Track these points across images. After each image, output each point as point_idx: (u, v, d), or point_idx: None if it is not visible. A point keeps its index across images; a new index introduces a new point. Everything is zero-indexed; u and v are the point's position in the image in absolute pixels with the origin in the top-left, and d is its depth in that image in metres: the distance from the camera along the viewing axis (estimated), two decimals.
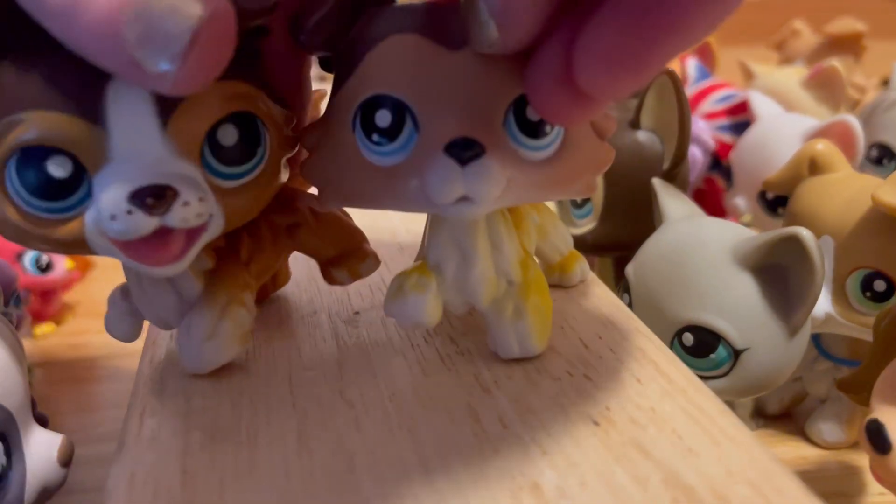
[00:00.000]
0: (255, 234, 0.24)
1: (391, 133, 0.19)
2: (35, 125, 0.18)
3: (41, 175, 0.18)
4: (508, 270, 0.22)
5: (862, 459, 0.35)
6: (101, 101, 0.18)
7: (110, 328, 0.24)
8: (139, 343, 0.25)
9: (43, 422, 0.27)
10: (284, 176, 0.22)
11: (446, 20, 0.19)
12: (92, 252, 0.19)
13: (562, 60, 0.17)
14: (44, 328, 0.47)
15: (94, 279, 0.54)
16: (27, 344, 0.45)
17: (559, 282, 0.28)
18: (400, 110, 0.19)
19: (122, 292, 0.23)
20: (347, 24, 0.20)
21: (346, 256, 0.26)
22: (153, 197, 0.18)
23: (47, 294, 0.46)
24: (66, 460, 0.25)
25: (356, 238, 0.26)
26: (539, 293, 0.23)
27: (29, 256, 0.43)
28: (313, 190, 0.26)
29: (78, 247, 0.19)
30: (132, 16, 0.16)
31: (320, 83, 0.27)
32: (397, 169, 0.19)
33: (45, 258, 0.44)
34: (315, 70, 0.24)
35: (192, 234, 0.19)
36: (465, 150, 0.18)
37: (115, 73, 0.17)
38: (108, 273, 0.29)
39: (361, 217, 0.35)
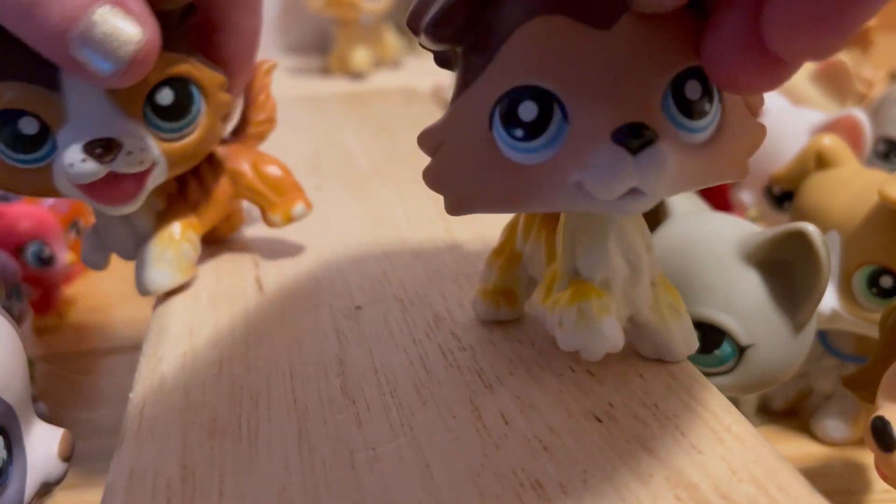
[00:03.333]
0: (202, 181, 0.29)
1: (537, 127, 0.17)
2: (5, 92, 0.23)
3: (15, 132, 0.23)
4: (654, 271, 0.21)
5: (867, 457, 0.34)
6: (58, 74, 0.23)
7: (85, 258, 0.30)
8: (141, 337, 0.25)
9: (44, 416, 0.27)
10: (222, 129, 0.27)
11: None
12: (61, 195, 0.24)
13: (748, 25, 0.15)
14: (46, 322, 0.47)
15: (95, 273, 0.54)
16: (29, 338, 0.45)
17: None
18: (547, 101, 0.16)
19: (94, 228, 0.29)
20: (478, 10, 0.17)
21: (280, 203, 0.30)
22: (102, 147, 0.23)
23: (49, 288, 0.46)
24: (67, 455, 0.25)
25: (290, 187, 0.31)
26: (670, 286, 0.22)
27: (31, 250, 0.43)
28: (264, 148, 0.32)
29: (49, 190, 0.24)
30: (83, 30, 0.20)
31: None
32: (547, 166, 0.17)
33: (46, 251, 0.44)
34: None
35: (140, 178, 0.24)
36: (635, 137, 0.15)
37: (59, 64, 0.22)
38: (111, 267, 0.29)
39: (362, 212, 0.35)
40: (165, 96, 0.24)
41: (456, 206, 0.19)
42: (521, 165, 0.17)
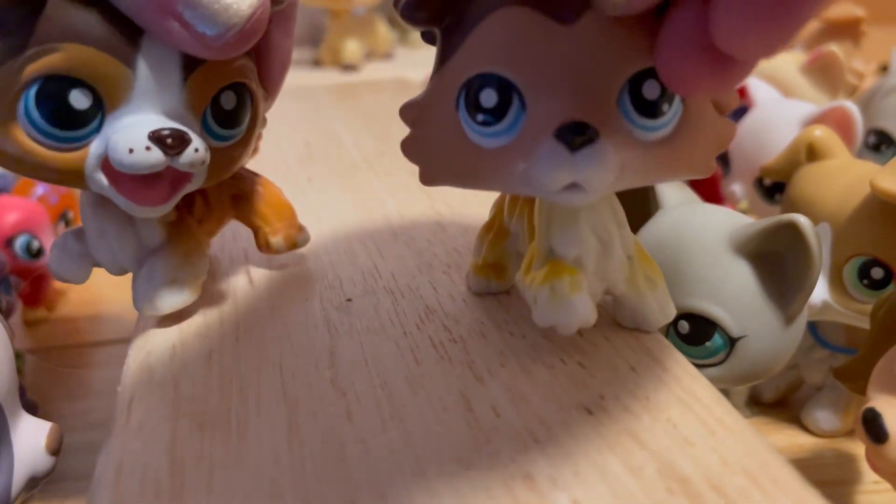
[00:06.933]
0: (206, 197, 0.27)
1: (497, 113, 0.17)
2: (70, 55, 0.19)
3: (61, 104, 0.20)
4: (629, 246, 0.22)
5: (857, 448, 0.34)
6: (135, 47, 0.20)
7: (58, 269, 0.25)
8: (131, 330, 0.25)
9: (33, 409, 0.27)
10: (253, 146, 0.25)
11: None
12: (82, 186, 0.21)
13: (698, 24, 0.15)
14: (36, 314, 0.47)
15: None
16: (19, 330, 0.45)
17: None
18: (506, 90, 0.17)
19: (76, 235, 0.25)
20: None
21: (284, 228, 0.28)
22: (174, 139, 0.20)
23: (39, 279, 0.46)
24: (55, 448, 0.25)
25: (292, 213, 0.29)
26: (649, 259, 0.23)
27: (20, 242, 0.43)
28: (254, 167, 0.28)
29: (73, 178, 0.21)
30: None
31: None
32: (503, 151, 0.18)
33: (35, 243, 0.44)
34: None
35: (176, 182, 0.22)
36: (576, 135, 0.16)
37: (152, 28, 0.20)
38: None
39: (353, 204, 0.35)
40: (230, 100, 0.22)
41: (427, 178, 0.20)
42: (482, 148, 0.18)
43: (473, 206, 0.34)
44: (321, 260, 0.29)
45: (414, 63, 0.80)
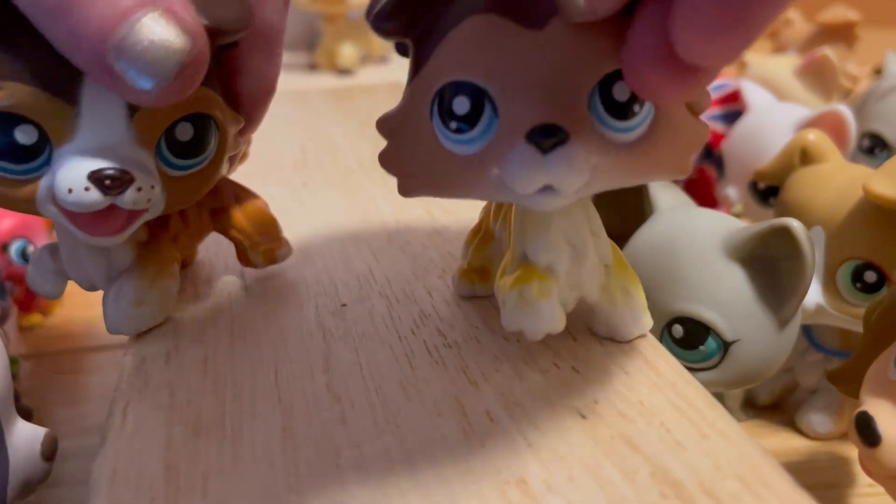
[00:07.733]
0: (182, 213, 0.27)
1: (470, 120, 0.18)
2: (12, 94, 0.19)
3: (7, 139, 0.20)
4: (606, 255, 0.22)
5: (852, 451, 0.35)
6: (78, 85, 0.20)
7: (35, 284, 0.26)
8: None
9: (27, 414, 0.27)
10: (225, 169, 0.24)
11: None
12: (39, 213, 0.21)
13: (659, 32, 0.16)
14: (31, 319, 0.47)
15: None
16: (14, 335, 0.44)
17: None
18: (478, 96, 0.17)
19: (50, 252, 0.25)
20: (423, 7, 0.19)
21: (263, 242, 0.28)
22: (112, 179, 0.20)
23: None
24: (50, 454, 0.25)
25: (274, 227, 0.28)
26: (628, 269, 0.23)
27: (15, 247, 0.43)
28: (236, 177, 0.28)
29: (29, 207, 0.21)
30: (124, 36, 0.18)
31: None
32: (476, 158, 0.18)
33: (31, 249, 0.44)
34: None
35: (134, 213, 0.21)
36: (547, 137, 0.16)
37: (89, 75, 0.19)
38: None
39: (348, 208, 0.35)
40: (186, 132, 0.22)
41: (404, 189, 0.20)
42: (456, 155, 0.18)
43: (469, 210, 0.34)
44: (316, 265, 0.29)
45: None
